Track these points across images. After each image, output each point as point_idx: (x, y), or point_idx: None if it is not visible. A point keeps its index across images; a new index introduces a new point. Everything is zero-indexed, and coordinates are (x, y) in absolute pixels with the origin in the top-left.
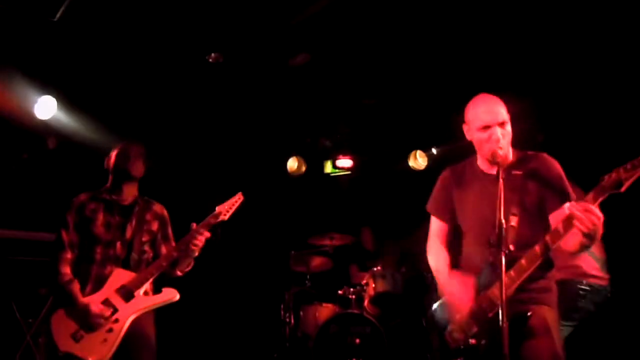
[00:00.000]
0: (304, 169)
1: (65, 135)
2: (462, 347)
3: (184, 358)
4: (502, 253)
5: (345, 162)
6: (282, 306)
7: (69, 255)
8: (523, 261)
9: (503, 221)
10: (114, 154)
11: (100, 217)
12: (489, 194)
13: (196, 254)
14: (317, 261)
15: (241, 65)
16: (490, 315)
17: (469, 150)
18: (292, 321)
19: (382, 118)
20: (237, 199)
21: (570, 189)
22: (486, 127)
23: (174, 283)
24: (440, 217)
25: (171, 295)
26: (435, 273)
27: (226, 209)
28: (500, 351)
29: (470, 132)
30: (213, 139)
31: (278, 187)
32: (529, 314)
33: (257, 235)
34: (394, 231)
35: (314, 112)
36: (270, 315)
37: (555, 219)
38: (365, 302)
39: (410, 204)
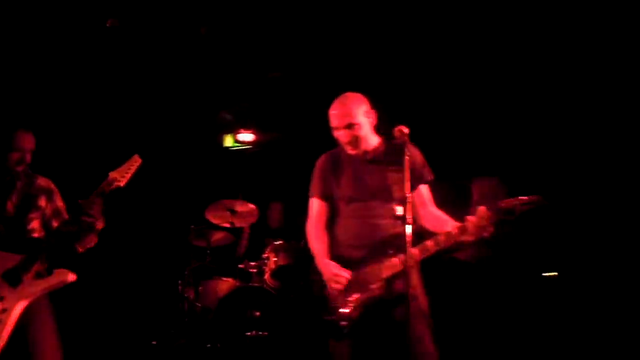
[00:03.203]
0: None
1: None
2: (339, 308)
3: (81, 338)
4: (406, 227)
5: (246, 136)
6: (180, 282)
7: None
8: (428, 243)
9: (408, 195)
10: None
11: None
12: (360, 175)
13: (98, 226)
14: (217, 236)
15: (141, 32)
16: (374, 287)
17: None
18: (192, 296)
19: (287, 92)
20: (134, 162)
21: (429, 173)
22: (336, 129)
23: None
24: (321, 198)
25: (63, 276)
26: (314, 249)
27: (122, 174)
28: (377, 315)
29: None
30: (110, 108)
31: (178, 161)
32: (412, 297)
33: (155, 210)
34: (296, 206)
35: (215, 84)
36: (169, 292)
37: (417, 197)
38: (266, 276)
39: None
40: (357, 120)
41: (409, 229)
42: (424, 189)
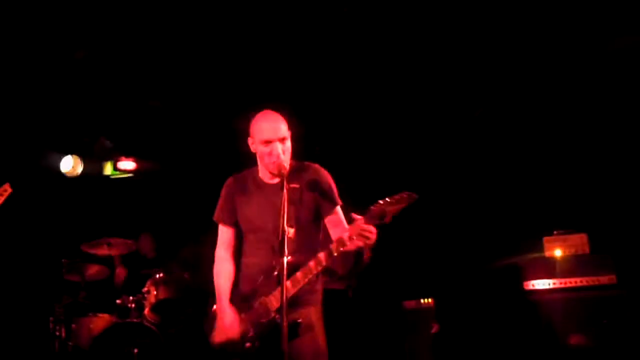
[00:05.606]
0: (80, 169)
1: None
2: (239, 350)
3: None
4: (283, 259)
5: (127, 164)
6: (51, 319)
7: None
8: (298, 274)
9: (287, 229)
10: None
11: None
12: (271, 203)
13: None
14: (93, 269)
15: (17, 54)
16: (264, 321)
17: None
18: (63, 335)
19: (169, 120)
20: (3, 192)
21: (337, 196)
22: (268, 142)
23: None
24: (226, 223)
25: None
26: (216, 285)
27: None
28: (271, 351)
29: (255, 145)
30: None
31: (51, 189)
32: (299, 320)
33: (25, 242)
34: (177, 237)
35: (96, 110)
36: (38, 330)
37: (330, 222)
38: (146, 310)
39: (195, 210)
40: (287, 134)
41: (285, 264)
42: (338, 211)
